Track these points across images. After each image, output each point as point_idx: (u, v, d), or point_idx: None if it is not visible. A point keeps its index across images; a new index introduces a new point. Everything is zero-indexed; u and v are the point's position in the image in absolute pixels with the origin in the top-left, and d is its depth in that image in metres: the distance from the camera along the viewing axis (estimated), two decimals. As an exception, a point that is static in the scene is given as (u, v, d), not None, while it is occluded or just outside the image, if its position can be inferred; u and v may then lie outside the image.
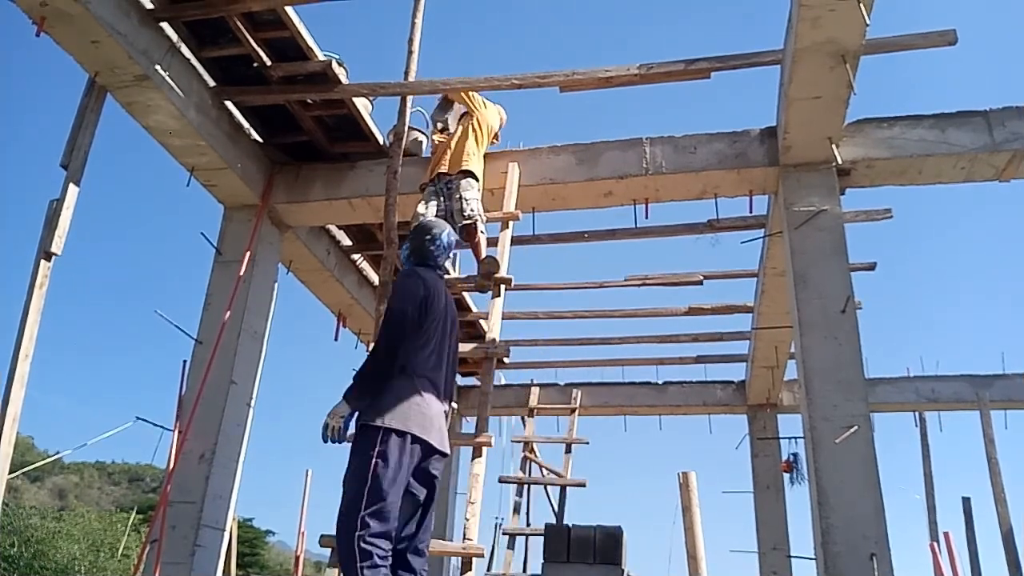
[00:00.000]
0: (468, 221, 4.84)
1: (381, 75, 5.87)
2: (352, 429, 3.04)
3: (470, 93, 5.36)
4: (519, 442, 7.82)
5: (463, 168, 5.01)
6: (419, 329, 3.11)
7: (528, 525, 7.36)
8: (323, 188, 5.70)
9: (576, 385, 9.18)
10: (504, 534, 7.03)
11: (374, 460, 2.86)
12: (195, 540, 4.72)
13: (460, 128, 5.34)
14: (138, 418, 5.01)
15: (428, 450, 3.03)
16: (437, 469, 3.10)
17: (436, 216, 4.99)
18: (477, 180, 5.04)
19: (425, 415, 3.02)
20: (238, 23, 4.73)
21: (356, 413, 3.03)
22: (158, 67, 4.59)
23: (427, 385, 3.09)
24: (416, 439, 2.96)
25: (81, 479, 47.73)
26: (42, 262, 4.18)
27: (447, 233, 3.48)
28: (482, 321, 7.89)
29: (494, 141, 5.56)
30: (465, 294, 7.75)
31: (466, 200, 4.89)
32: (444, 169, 5.09)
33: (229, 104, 5.32)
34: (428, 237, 3.43)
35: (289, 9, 4.70)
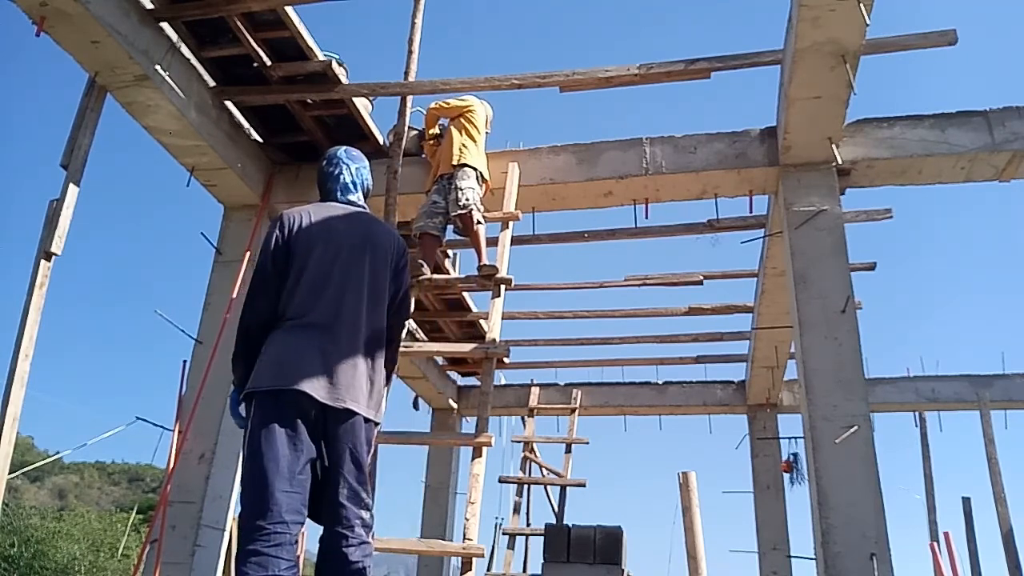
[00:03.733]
0: (462, 211, 4.80)
1: (381, 75, 5.87)
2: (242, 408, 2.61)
3: (440, 104, 5.36)
4: (519, 442, 7.82)
5: (456, 163, 5.01)
6: (283, 272, 2.64)
7: (528, 525, 7.36)
8: (323, 188, 5.68)
9: (576, 385, 9.19)
10: (504, 534, 7.04)
11: (246, 433, 2.46)
12: (195, 540, 4.72)
13: (448, 130, 5.32)
14: (138, 418, 5.03)
15: (309, 403, 2.43)
16: (341, 430, 2.46)
17: (435, 213, 4.99)
18: (475, 170, 5.03)
19: (291, 363, 2.47)
20: (238, 23, 4.73)
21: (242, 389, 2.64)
22: (158, 67, 4.59)
23: (305, 330, 2.55)
24: (281, 392, 2.42)
25: (81, 479, 47.70)
26: (42, 262, 4.18)
27: (344, 151, 3.01)
28: (482, 321, 7.90)
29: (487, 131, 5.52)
30: (465, 294, 7.75)
31: (460, 190, 4.86)
32: (442, 171, 5.10)
33: (229, 104, 5.32)
34: (323, 163, 2.97)
35: (289, 9, 4.70)
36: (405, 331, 2.88)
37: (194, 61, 4.99)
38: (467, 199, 4.83)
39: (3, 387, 4.01)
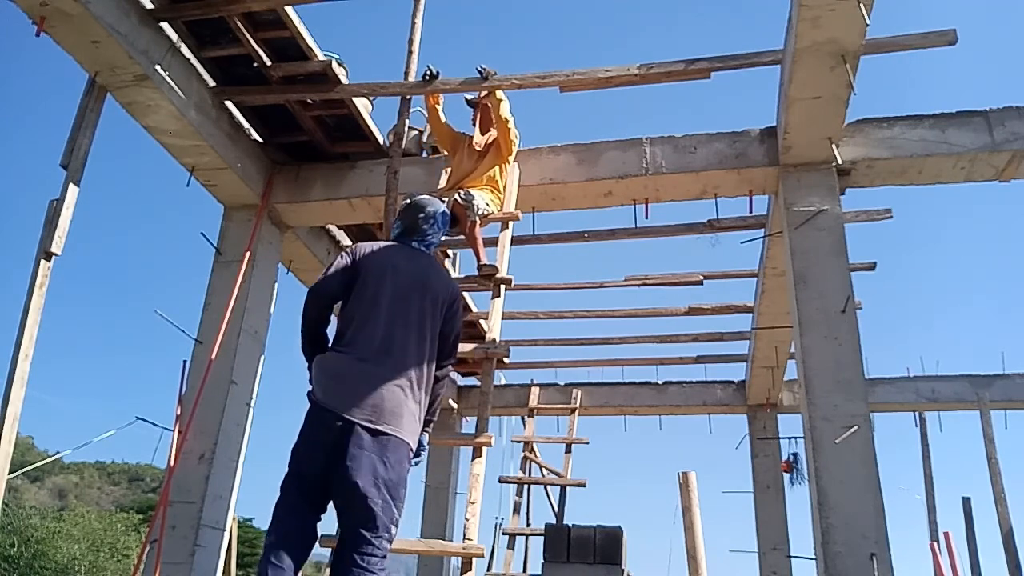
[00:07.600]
0: (463, 203, 4.68)
1: (381, 75, 5.87)
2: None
3: (504, 116, 5.08)
4: (519, 442, 7.82)
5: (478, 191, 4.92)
6: (345, 300, 2.96)
7: (528, 525, 7.37)
8: (323, 188, 5.70)
9: (576, 385, 9.18)
10: (504, 534, 7.04)
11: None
12: (195, 540, 4.72)
13: (488, 152, 5.14)
14: (138, 418, 5.03)
15: (337, 419, 2.68)
16: (358, 446, 2.63)
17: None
18: (496, 196, 5.02)
19: (336, 376, 2.79)
20: (238, 23, 4.73)
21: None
22: (158, 67, 4.59)
23: (353, 351, 2.84)
24: (322, 406, 2.72)
25: (81, 479, 47.72)
26: (42, 262, 4.18)
27: (443, 214, 3.32)
28: (482, 321, 7.88)
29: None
30: (465, 294, 7.75)
31: (473, 196, 4.77)
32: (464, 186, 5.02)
33: (229, 104, 5.32)
34: (420, 212, 3.25)
35: (289, 9, 4.70)
36: (449, 370, 3.13)
37: (194, 61, 4.99)
38: (473, 199, 4.70)
39: (3, 387, 4.02)
